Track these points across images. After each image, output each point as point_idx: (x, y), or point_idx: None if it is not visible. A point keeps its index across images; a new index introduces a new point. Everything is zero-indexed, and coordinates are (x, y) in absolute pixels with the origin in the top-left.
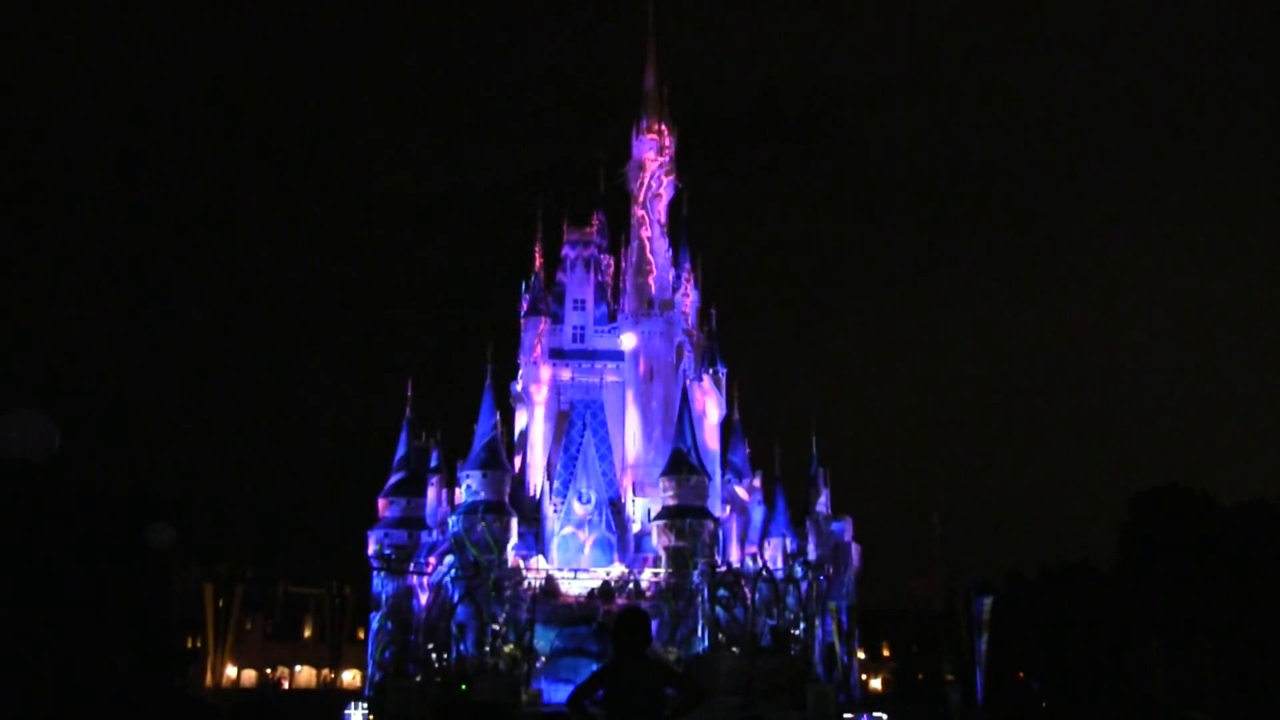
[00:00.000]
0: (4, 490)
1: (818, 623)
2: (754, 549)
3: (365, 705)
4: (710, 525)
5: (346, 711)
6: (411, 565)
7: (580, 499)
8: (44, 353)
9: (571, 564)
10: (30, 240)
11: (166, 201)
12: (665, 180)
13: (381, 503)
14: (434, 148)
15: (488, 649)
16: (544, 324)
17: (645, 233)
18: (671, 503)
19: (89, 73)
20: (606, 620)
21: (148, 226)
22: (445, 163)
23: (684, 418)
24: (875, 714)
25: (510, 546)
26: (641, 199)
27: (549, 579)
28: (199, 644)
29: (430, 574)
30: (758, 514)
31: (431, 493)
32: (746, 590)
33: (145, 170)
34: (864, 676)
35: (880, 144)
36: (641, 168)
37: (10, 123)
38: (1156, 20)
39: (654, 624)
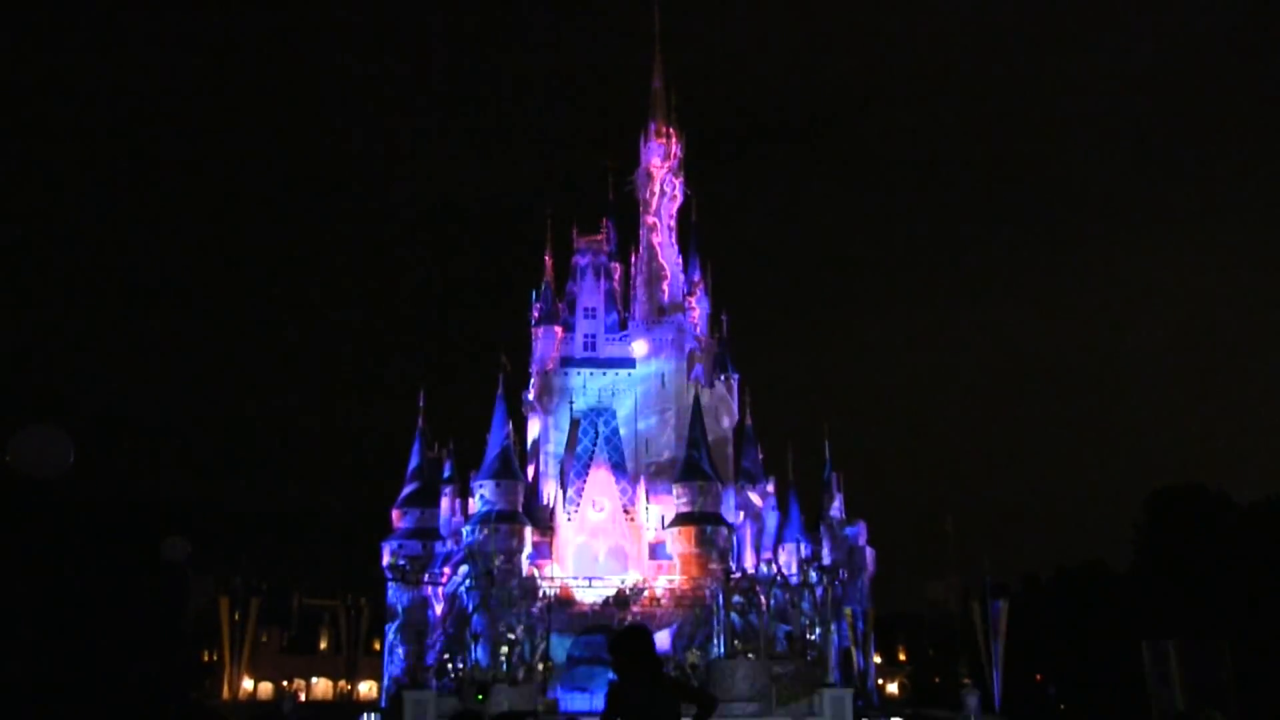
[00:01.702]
0: (21, 506)
1: (833, 628)
2: (768, 555)
3: (379, 717)
4: (724, 531)
5: None
6: (426, 576)
7: (594, 507)
8: (58, 369)
9: (586, 572)
10: (42, 255)
11: (177, 212)
12: (674, 185)
13: (395, 514)
14: (442, 156)
15: (503, 658)
16: (555, 332)
17: (655, 239)
18: (685, 510)
19: (96, 77)
20: (621, 628)
21: (158, 240)
22: (453, 172)
23: (696, 424)
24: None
25: (524, 555)
26: (651, 206)
27: (564, 588)
28: (215, 657)
29: (445, 584)
30: (771, 520)
31: (445, 503)
32: (761, 596)
33: (156, 183)
34: (880, 681)
35: (888, 146)
36: (650, 174)
37: (16, 125)
38: (1159, 20)
39: (671, 629)
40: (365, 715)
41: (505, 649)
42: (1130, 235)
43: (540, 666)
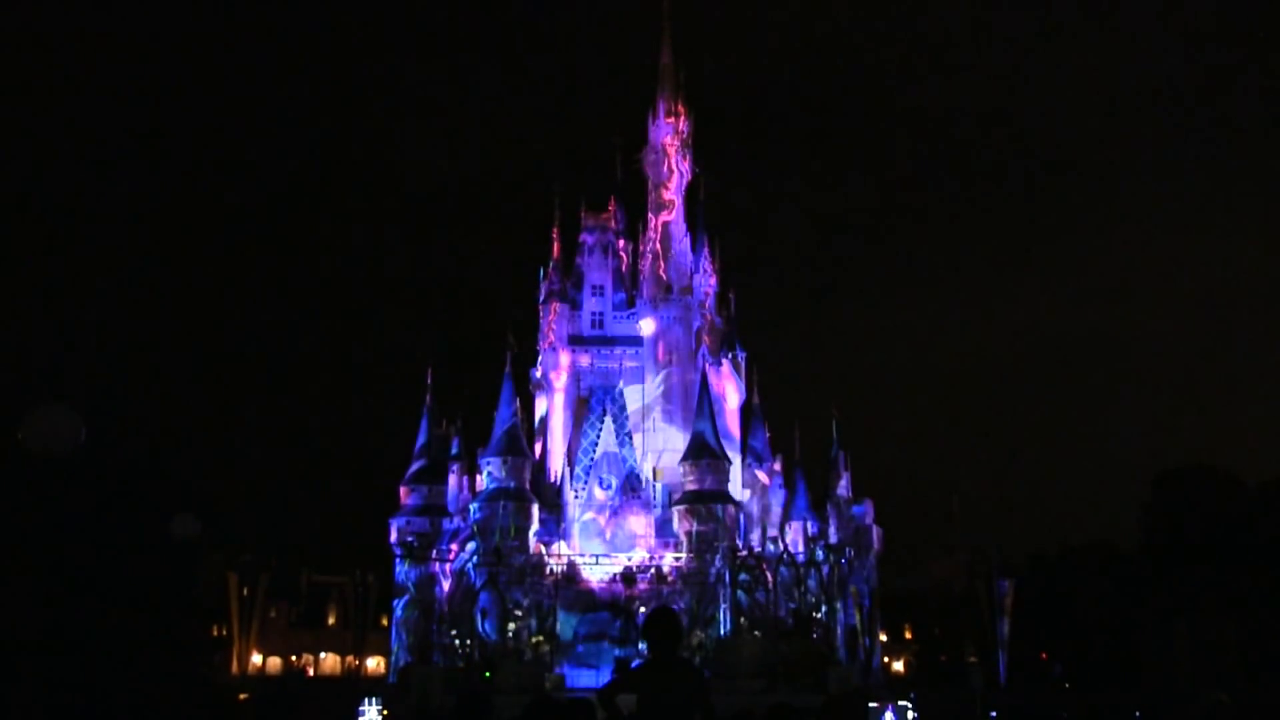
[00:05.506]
0: (34, 484)
1: (839, 606)
2: (775, 533)
3: (379, 701)
4: (731, 509)
5: (361, 708)
6: (434, 552)
7: (601, 485)
8: (68, 348)
9: (593, 550)
10: (54, 236)
11: (185, 194)
12: (683, 162)
13: (403, 490)
14: (449, 134)
15: (510, 635)
16: (563, 310)
17: (663, 217)
18: (692, 487)
19: (100, 66)
20: (628, 605)
21: (167, 219)
22: (461, 149)
23: (704, 402)
24: (900, 703)
25: (531, 533)
26: (659, 184)
27: (570, 565)
28: (224, 632)
29: (452, 561)
30: (778, 498)
31: (453, 480)
32: (768, 574)
33: (163, 164)
34: (886, 659)
35: (902, 126)
36: (658, 150)
37: (15, 114)
38: (1165, 7)
39: (678, 607)
40: (366, 700)
41: (512, 626)
42: (1138, 213)
43: (547, 644)
